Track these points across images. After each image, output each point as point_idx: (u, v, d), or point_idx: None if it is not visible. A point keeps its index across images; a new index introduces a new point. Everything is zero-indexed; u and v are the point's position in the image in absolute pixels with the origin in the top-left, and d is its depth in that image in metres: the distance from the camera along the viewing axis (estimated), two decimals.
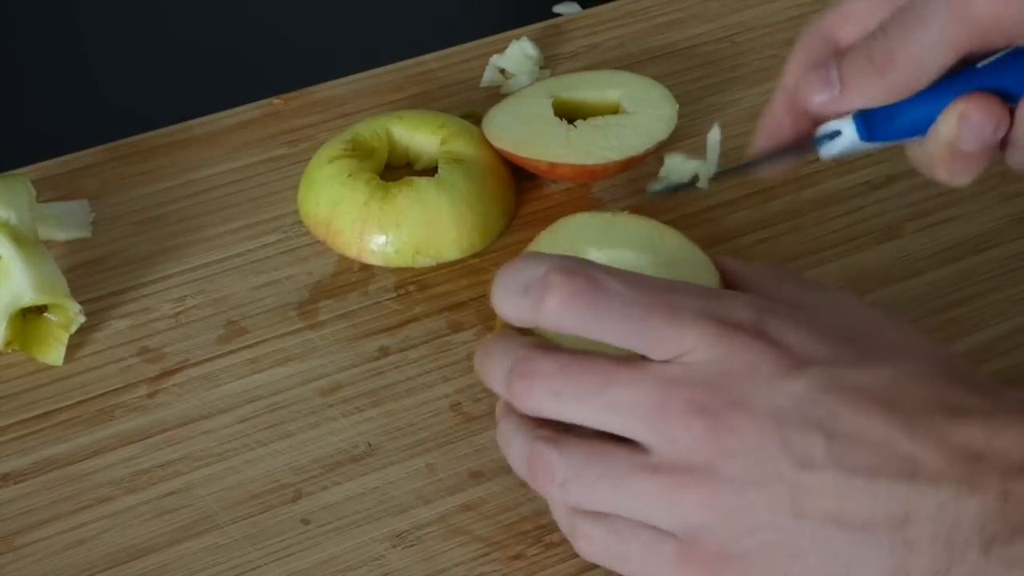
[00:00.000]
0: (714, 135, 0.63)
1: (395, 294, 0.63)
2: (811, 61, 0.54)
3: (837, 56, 0.53)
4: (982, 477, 0.43)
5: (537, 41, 0.75)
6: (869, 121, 0.52)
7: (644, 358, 0.47)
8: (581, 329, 0.46)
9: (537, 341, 0.49)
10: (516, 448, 0.48)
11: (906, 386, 0.45)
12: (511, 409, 0.49)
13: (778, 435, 0.44)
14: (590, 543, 0.48)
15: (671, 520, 0.46)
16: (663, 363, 0.46)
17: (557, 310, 0.46)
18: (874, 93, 0.52)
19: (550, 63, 0.75)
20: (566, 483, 0.47)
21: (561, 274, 0.46)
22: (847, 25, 0.54)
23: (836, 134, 0.53)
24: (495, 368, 0.49)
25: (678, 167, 0.67)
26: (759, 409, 0.45)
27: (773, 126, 0.56)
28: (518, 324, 0.48)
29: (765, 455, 0.44)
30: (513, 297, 0.47)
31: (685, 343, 0.46)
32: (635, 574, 0.48)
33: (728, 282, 0.53)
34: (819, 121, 0.54)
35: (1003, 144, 0.52)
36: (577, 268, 0.46)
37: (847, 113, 0.53)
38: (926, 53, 0.50)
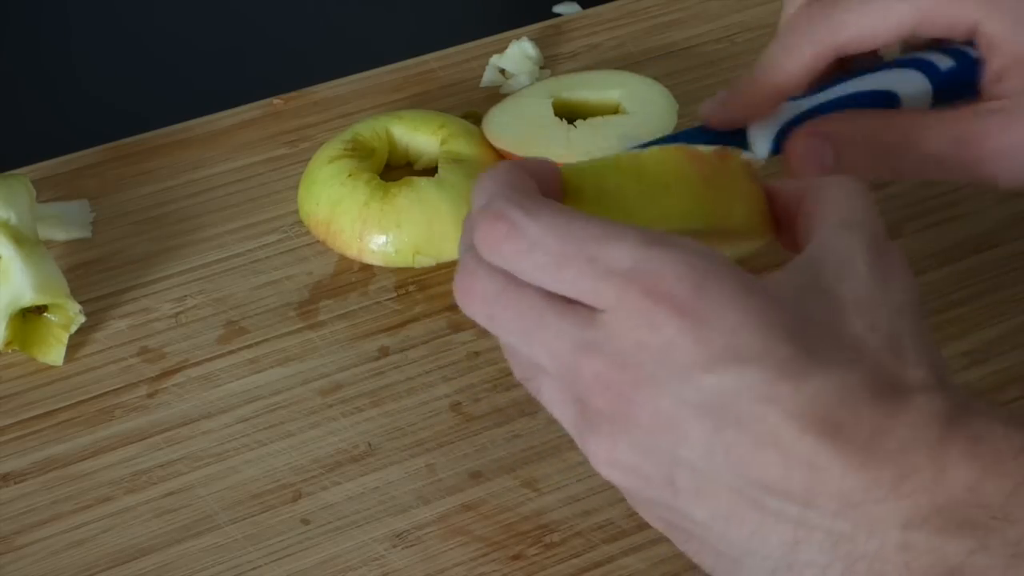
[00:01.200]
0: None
1: (395, 294, 0.63)
2: (814, 75, 0.55)
3: (838, 124, 0.54)
4: (883, 521, 0.40)
5: (537, 41, 0.75)
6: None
7: None
8: (507, 268, 0.44)
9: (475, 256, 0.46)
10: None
11: (832, 402, 0.41)
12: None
13: (680, 426, 0.41)
14: (606, 458, 0.44)
15: (592, 458, 0.44)
16: (586, 319, 0.43)
17: (483, 249, 0.44)
18: (859, 173, 0.53)
19: (550, 63, 0.75)
20: (524, 379, 0.46)
21: (486, 218, 0.44)
22: (861, 47, 0.55)
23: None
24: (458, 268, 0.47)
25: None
26: (668, 396, 0.41)
27: (743, 118, 0.56)
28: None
29: (664, 443, 0.42)
30: (475, 209, 0.46)
31: (603, 301, 0.43)
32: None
33: (781, 214, 0.49)
34: None
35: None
36: (504, 212, 0.44)
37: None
38: (927, 162, 0.53)
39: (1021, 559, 0.39)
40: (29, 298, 0.60)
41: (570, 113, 0.68)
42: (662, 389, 0.41)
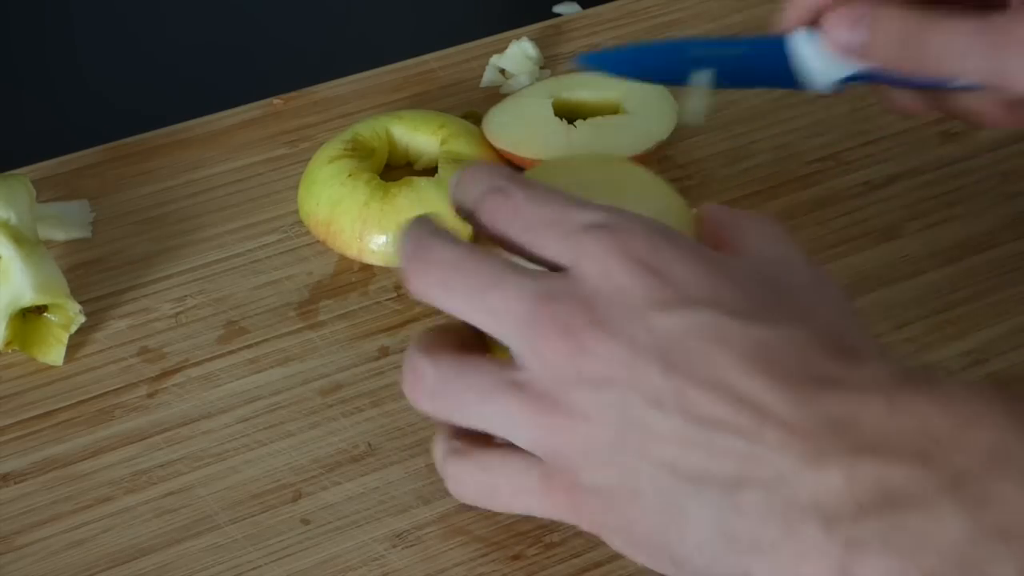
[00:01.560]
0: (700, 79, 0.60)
1: (395, 294, 0.63)
2: None
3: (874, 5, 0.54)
4: (828, 451, 0.40)
5: (537, 41, 0.75)
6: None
7: None
8: (501, 231, 0.47)
9: (437, 227, 0.48)
10: (404, 366, 0.49)
11: (782, 350, 0.42)
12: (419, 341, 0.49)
13: (632, 368, 0.43)
14: (459, 483, 0.48)
15: (531, 442, 0.45)
16: (549, 274, 0.45)
17: (485, 221, 0.48)
18: (887, 60, 0.55)
19: (550, 63, 0.75)
20: (435, 394, 0.47)
21: (494, 194, 0.47)
22: None
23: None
24: (403, 246, 0.48)
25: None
26: (620, 337, 0.43)
27: (801, 19, 0.57)
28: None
29: (616, 386, 0.43)
30: (464, 196, 0.49)
31: (566, 256, 0.45)
32: (507, 507, 0.48)
33: (708, 233, 0.51)
34: None
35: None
36: (502, 185, 0.47)
37: None
38: (950, 48, 0.53)
39: (960, 485, 0.39)
40: (29, 298, 0.60)
41: (570, 113, 0.68)
42: (615, 331, 0.43)
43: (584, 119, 0.66)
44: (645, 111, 0.67)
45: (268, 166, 0.70)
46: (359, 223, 0.63)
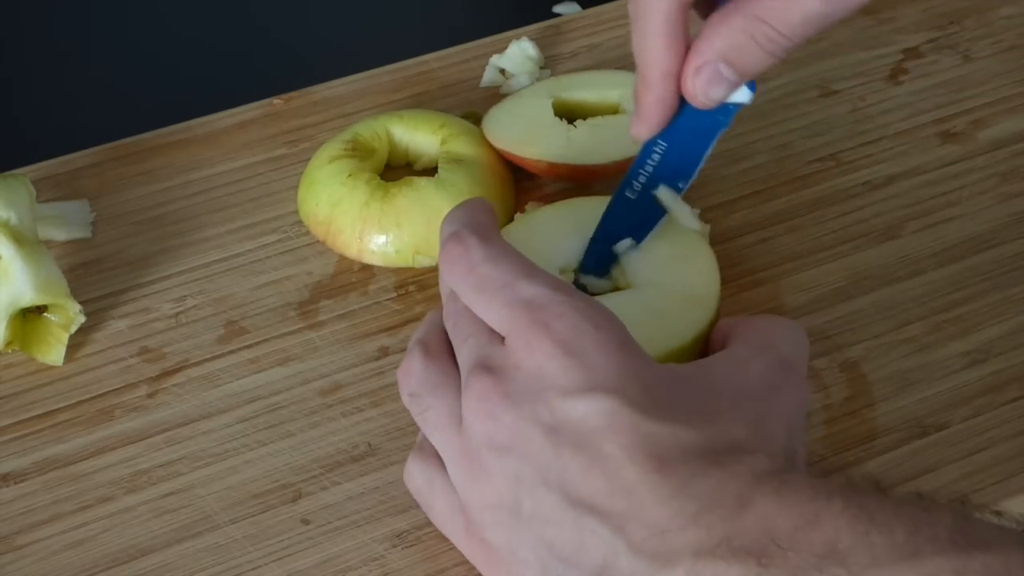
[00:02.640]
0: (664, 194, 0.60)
1: (395, 294, 0.63)
2: (677, 38, 0.54)
3: (712, 43, 0.53)
4: (677, 553, 0.43)
5: (537, 41, 0.75)
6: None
7: None
8: (453, 285, 0.50)
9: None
10: (408, 350, 0.53)
11: (667, 445, 0.44)
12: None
13: (528, 442, 0.46)
14: (409, 476, 0.52)
15: (457, 485, 0.49)
16: (493, 342, 0.48)
17: (442, 265, 0.51)
18: (766, 67, 0.53)
19: (550, 63, 0.75)
20: (412, 396, 0.51)
21: (449, 240, 0.51)
22: None
23: (735, 105, 0.56)
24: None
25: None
26: (524, 412, 0.46)
27: (667, 115, 0.56)
28: None
29: (515, 456, 0.46)
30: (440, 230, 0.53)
31: (504, 326, 0.48)
32: (437, 524, 0.52)
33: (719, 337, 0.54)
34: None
35: None
36: (461, 237, 0.50)
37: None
38: (808, 21, 0.52)
39: None
40: (29, 298, 0.60)
41: (570, 113, 0.68)
42: (522, 406, 0.46)
43: (584, 119, 0.66)
44: None
45: (268, 166, 0.70)
46: (359, 223, 0.64)
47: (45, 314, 0.61)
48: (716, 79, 0.54)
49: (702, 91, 0.54)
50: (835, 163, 0.69)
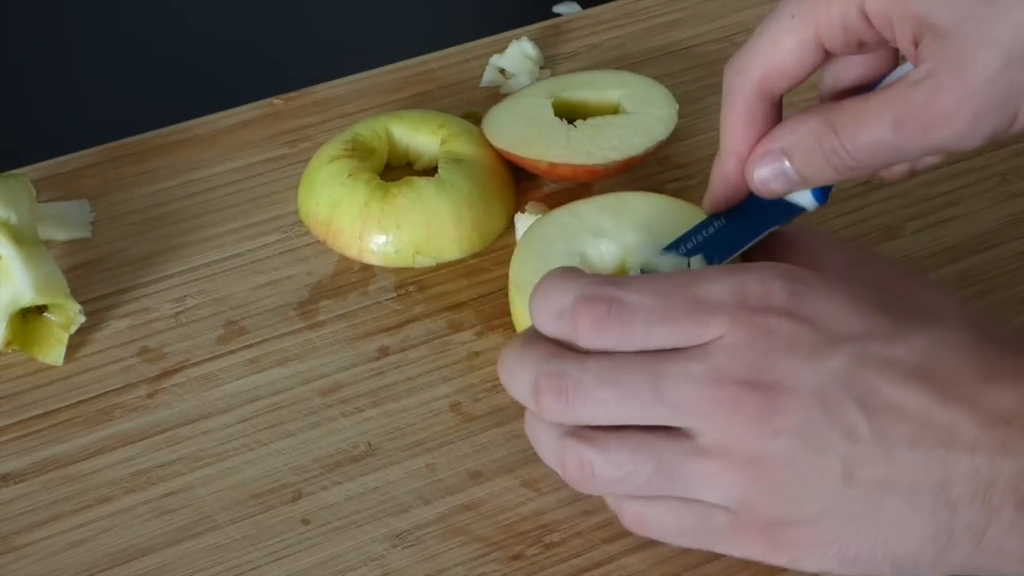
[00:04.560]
0: None
1: (395, 294, 0.63)
2: (753, 123, 0.55)
3: (784, 136, 0.54)
4: (1014, 440, 0.46)
5: (537, 41, 0.75)
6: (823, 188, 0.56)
7: None
8: (617, 347, 0.49)
9: (558, 347, 0.49)
10: (548, 446, 0.50)
11: (938, 354, 0.47)
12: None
13: (823, 411, 0.47)
14: (642, 524, 0.50)
15: (726, 498, 0.48)
16: (702, 348, 0.48)
17: (590, 336, 0.49)
18: (829, 180, 0.54)
19: (550, 63, 0.75)
20: (615, 482, 0.49)
21: (585, 304, 0.49)
22: (781, 80, 0.54)
23: (797, 207, 0.57)
24: (518, 381, 0.50)
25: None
26: (803, 388, 0.47)
27: (730, 194, 0.57)
28: (561, 340, 0.50)
29: (813, 431, 0.47)
30: (549, 321, 0.50)
31: (715, 331, 0.48)
32: (691, 545, 0.50)
33: (788, 253, 0.54)
34: None
35: None
36: (598, 293, 0.49)
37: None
38: (876, 148, 0.52)
39: None
40: (29, 298, 0.60)
41: (570, 113, 0.68)
42: (793, 385, 0.47)
43: (584, 119, 0.66)
44: (645, 111, 0.67)
45: (268, 166, 0.70)
46: (359, 223, 0.63)
47: (45, 314, 0.61)
48: (776, 171, 0.54)
49: (759, 178, 0.55)
50: None
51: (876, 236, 0.65)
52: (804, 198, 0.56)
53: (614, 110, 0.68)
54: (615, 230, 0.59)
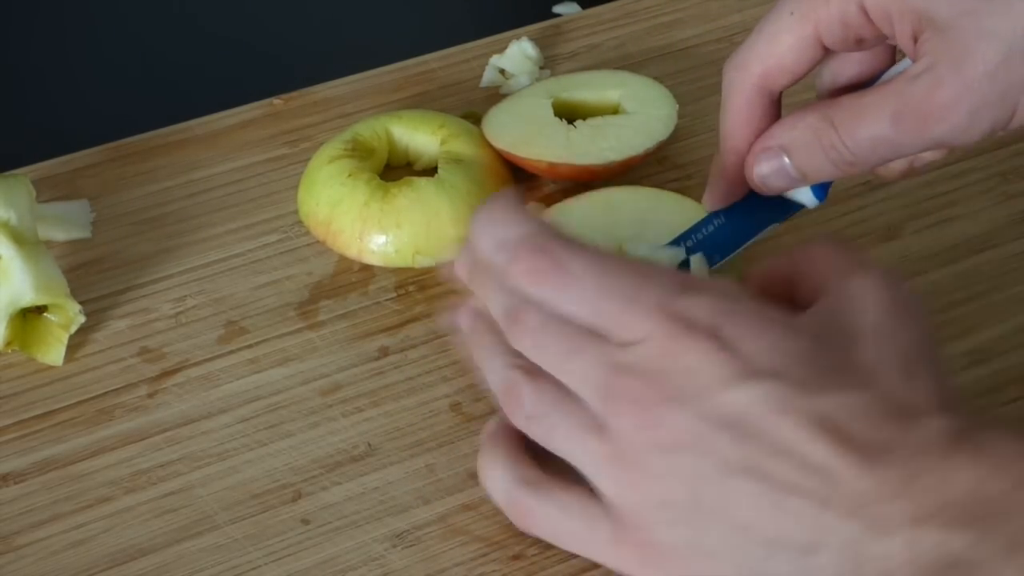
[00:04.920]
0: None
1: (395, 294, 0.63)
2: (752, 120, 0.55)
3: (783, 132, 0.54)
4: (891, 520, 0.42)
5: (537, 41, 0.75)
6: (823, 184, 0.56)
7: None
8: (543, 303, 0.48)
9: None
10: (495, 369, 0.50)
11: (844, 416, 0.44)
12: (493, 331, 0.51)
13: (702, 438, 0.45)
14: (529, 515, 0.50)
15: (609, 491, 0.47)
16: (622, 346, 0.47)
17: (520, 281, 0.48)
18: (828, 176, 0.54)
19: (550, 63, 0.75)
20: (530, 419, 0.49)
21: (528, 251, 0.48)
22: (780, 77, 0.54)
23: (797, 204, 0.57)
24: (494, 303, 0.50)
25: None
26: (691, 410, 0.45)
27: (730, 191, 0.57)
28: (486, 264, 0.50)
29: (689, 455, 0.45)
30: (487, 244, 0.49)
31: (637, 333, 0.46)
32: (572, 549, 0.49)
33: (806, 266, 0.52)
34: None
35: None
36: (545, 246, 0.48)
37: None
38: (875, 143, 0.51)
39: (1016, 548, 0.41)
40: (29, 298, 0.60)
41: (570, 113, 0.68)
42: (686, 405, 0.45)
43: (584, 119, 0.66)
44: (645, 111, 0.67)
45: (268, 166, 0.70)
46: (359, 223, 0.63)
47: (45, 314, 0.61)
48: (775, 168, 0.54)
49: (759, 175, 0.55)
50: None
51: (876, 236, 0.65)
52: (804, 195, 0.56)
53: (614, 110, 0.68)
54: (609, 227, 0.59)
